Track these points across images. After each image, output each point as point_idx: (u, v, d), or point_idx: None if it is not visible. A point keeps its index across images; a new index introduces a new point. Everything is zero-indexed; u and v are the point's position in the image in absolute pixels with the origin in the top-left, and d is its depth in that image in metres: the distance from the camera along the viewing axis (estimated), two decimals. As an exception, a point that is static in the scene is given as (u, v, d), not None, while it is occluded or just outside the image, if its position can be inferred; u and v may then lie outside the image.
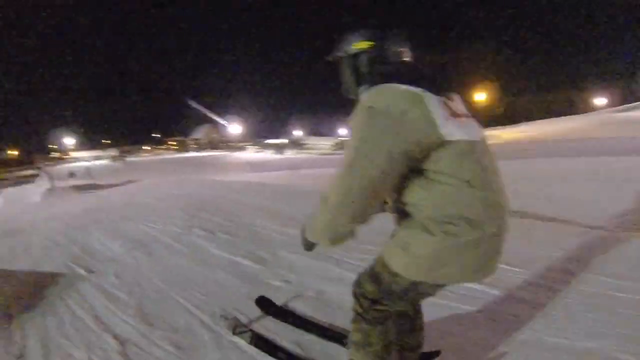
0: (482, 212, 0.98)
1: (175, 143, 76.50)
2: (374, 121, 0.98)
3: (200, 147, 67.39)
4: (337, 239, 1.06)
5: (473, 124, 1.10)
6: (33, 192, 10.47)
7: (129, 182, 12.47)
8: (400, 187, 1.05)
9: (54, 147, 69.63)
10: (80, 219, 5.46)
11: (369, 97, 1.04)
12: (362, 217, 1.01)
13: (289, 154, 44.44)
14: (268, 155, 44.54)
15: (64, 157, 61.92)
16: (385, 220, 1.32)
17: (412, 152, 0.96)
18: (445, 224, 0.97)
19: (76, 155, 60.94)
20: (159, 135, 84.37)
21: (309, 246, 1.20)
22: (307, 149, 46.09)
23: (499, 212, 1.02)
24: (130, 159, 47.64)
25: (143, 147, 72.22)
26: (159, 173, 26.44)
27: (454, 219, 0.96)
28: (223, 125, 67.73)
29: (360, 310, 1.20)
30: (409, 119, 0.95)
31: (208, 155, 50.24)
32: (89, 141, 73.20)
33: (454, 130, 0.98)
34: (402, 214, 1.10)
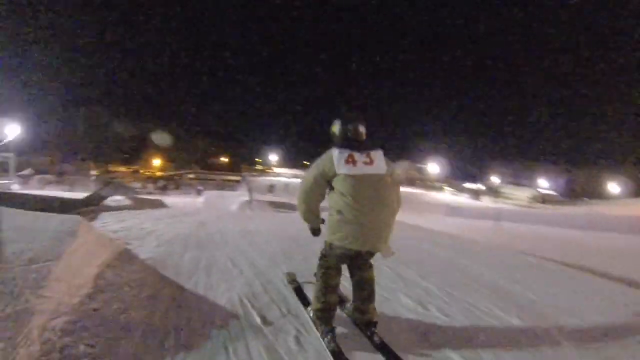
0: (348, 209, 2.10)
1: None
2: (318, 160, 2.27)
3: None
4: (305, 218, 2.49)
5: (370, 167, 2.19)
6: (232, 201, 11.61)
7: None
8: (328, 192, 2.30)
9: (259, 160, 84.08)
10: (272, 244, 5.50)
11: (327, 151, 2.29)
12: (308, 204, 2.37)
13: (485, 200, 45.98)
14: (464, 199, 46.88)
15: (267, 170, 76.85)
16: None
17: (325, 175, 2.22)
18: (335, 210, 2.16)
19: (278, 171, 75.07)
20: None
21: (312, 231, 2.62)
22: (504, 197, 47.32)
23: (362, 211, 2.10)
24: None
25: None
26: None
27: (338, 209, 2.14)
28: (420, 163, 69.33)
29: (319, 261, 2.46)
30: (324, 162, 2.21)
31: (405, 190, 54.22)
32: (291, 159, 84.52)
33: (344, 169, 2.15)
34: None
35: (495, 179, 62.55)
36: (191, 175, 60.63)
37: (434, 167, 63.77)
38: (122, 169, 67.04)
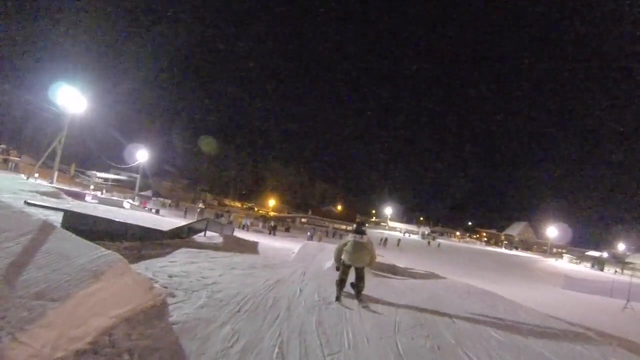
0: (347, 256, 6.76)
1: (486, 234, 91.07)
2: (342, 241, 7.26)
3: (512, 245, 77.02)
4: (335, 259, 7.18)
5: (362, 237, 6.84)
6: (330, 256, 11.76)
7: (432, 275, 13.06)
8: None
9: (374, 212, 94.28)
10: (349, 331, 4.64)
11: (346, 236, 7.26)
12: (337, 256, 7.11)
13: (610, 271, 45.20)
14: (585, 268, 45.96)
15: (382, 223, 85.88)
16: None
17: (343, 245, 7.00)
18: (344, 252, 6.93)
19: (392, 225, 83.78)
20: (470, 223, 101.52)
21: (336, 266, 7.18)
22: (631, 268, 45.15)
23: (351, 257, 6.70)
24: (440, 240, 59.96)
25: (455, 232, 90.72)
26: (464, 265, 30.97)
27: (343, 254, 6.92)
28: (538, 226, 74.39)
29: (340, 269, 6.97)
30: (344, 241, 7.05)
31: (519, 255, 59.21)
32: (406, 214, 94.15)
33: (350, 238, 6.88)
34: None
35: (621, 247, 63.35)
36: (304, 220, 65.18)
37: (552, 231, 64.34)
38: (237, 204, 74.95)
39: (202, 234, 12.95)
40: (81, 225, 7.30)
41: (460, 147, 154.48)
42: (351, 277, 6.64)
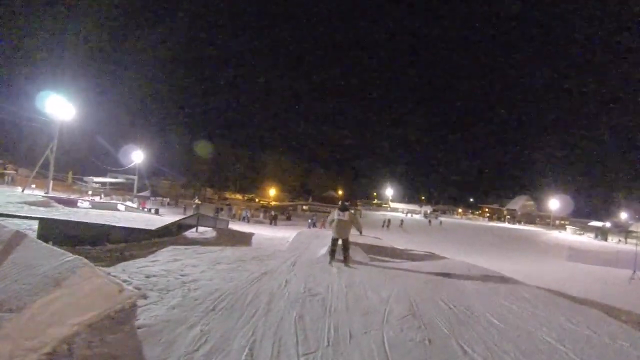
0: (334, 231, 8.61)
1: (488, 210, 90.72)
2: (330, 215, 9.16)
3: (515, 219, 77.78)
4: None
5: (344, 214, 8.60)
6: (324, 242, 11.47)
7: (432, 256, 12.85)
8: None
9: (375, 194, 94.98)
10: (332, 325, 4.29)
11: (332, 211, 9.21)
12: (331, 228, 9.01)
13: (613, 241, 45.61)
14: (588, 239, 46.27)
15: (383, 205, 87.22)
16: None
17: (331, 219, 8.90)
18: (332, 228, 8.82)
19: (394, 206, 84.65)
20: (472, 200, 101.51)
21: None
22: (635, 237, 44.43)
23: (336, 232, 8.53)
24: (442, 218, 60.30)
25: (458, 210, 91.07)
26: (466, 243, 30.87)
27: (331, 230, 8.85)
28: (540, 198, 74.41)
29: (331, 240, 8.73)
30: (332, 215, 8.94)
31: (522, 229, 59.51)
32: (407, 194, 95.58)
33: (335, 216, 8.72)
34: None
35: (624, 216, 63.10)
36: (305, 207, 65.55)
37: (553, 203, 64.07)
38: (238, 197, 74.90)
39: (193, 229, 12.70)
40: (59, 233, 7.06)
41: (459, 123, 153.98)
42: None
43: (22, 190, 23.40)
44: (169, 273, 6.07)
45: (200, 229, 13.18)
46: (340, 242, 8.52)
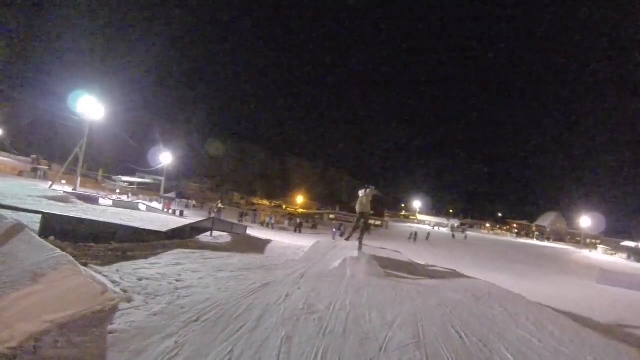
0: (357, 207, 11.12)
1: (517, 226, 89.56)
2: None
3: (544, 236, 76.48)
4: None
5: (364, 192, 10.93)
6: (341, 254, 11.34)
7: (453, 274, 12.40)
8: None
9: (403, 206, 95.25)
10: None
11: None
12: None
13: None
14: (621, 260, 44.81)
15: (411, 217, 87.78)
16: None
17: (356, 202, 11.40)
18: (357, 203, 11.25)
19: (421, 218, 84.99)
20: (501, 214, 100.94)
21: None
22: None
23: (358, 207, 11.05)
24: (469, 232, 59.85)
25: (485, 224, 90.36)
26: (491, 259, 30.26)
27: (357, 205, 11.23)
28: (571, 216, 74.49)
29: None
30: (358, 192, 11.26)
31: (551, 246, 58.72)
32: (435, 207, 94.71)
33: (359, 194, 11.06)
34: None
35: None
36: (332, 216, 65.98)
37: (585, 220, 62.42)
38: (265, 203, 75.50)
39: (208, 233, 12.66)
40: (61, 228, 7.10)
41: (491, 137, 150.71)
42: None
43: (51, 186, 24.32)
44: (164, 277, 5.95)
45: (216, 233, 13.13)
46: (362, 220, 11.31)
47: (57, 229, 7.00)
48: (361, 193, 10.91)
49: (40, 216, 7.11)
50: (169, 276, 6.06)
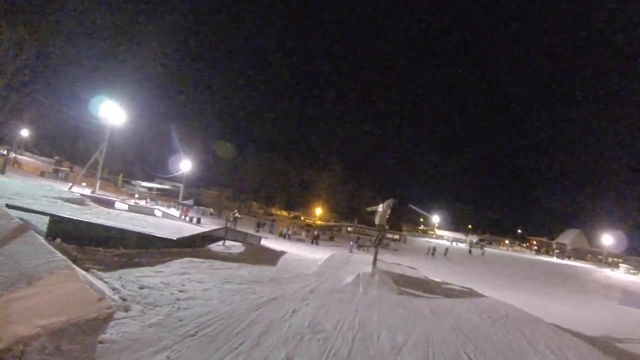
0: (376, 218, 11.48)
1: (537, 243, 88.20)
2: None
3: (564, 254, 75.03)
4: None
5: (381, 205, 11.33)
6: (356, 269, 11.22)
7: (469, 293, 12.08)
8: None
9: (421, 220, 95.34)
10: None
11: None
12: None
13: None
14: None
15: (429, 232, 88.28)
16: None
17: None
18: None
19: (439, 233, 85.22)
20: (520, 231, 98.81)
21: None
22: None
23: (377, 217, 11.39)
24: (488, 248, 59.53)
25: (504, 240, 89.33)
26: (509, 276, 29.86)
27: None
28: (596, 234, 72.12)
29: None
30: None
31: (571, 264, 57.89)
32: (453, 222, 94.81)
33: (378, 208, 11.55)
34: None
35: None
36: (350, 229, 65.72)
37: (607, 239, 61.41)
38: (284, 213, 75.58)
39: (220, 243, 12.58)
40: (69, 231, 7.09)
41: (511, 153, 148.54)
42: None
43: (70, 188, 24.82)
44: (167, 287, 5.83)
45: (229, 243, 13.05)
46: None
47: (65, 231, 6.99)
48: (380, 208, 11.22)
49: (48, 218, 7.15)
50: (172, 286, 5.95)
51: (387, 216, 11.33)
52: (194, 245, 10.76)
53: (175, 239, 9.96)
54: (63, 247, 6.48)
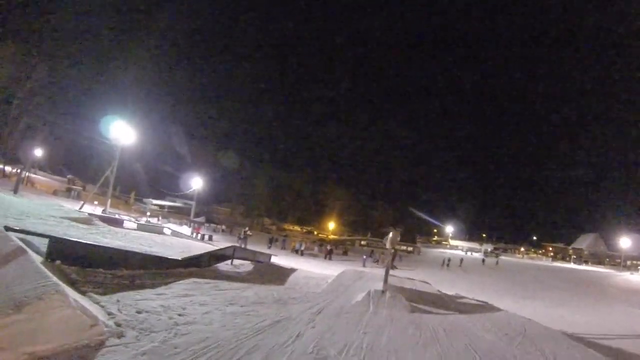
0: (387, 242, 11.73)
1: (552, 249, 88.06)
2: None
3: (581, 259, 74.54)
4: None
5: (388, 235, 11.63)
6: (367, 286, 10.96)
7: (485, 307, 11.65)
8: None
9: (435, 231, 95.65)
10: None
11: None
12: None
13: None
14: None
15: (443, 242, 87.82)
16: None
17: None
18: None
19: (454, 243, 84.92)
20: (535, 238, 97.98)
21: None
22: None
23: (388, 241, 11.59)
24: (503, 257, 58.99)
25: (519, 248, 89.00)
26: (525, 285, 29.52)
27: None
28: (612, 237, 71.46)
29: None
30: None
31: (589, 270, 57.16)
32: (467, 231, 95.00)
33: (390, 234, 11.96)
34: None
35: None
36: (363, 243, 65.73)
37: (625, 242, 59.25)
38: (296, 229, 75.63)
39: (229, 262, 12.43)
40: (70, 253, 7.00)
41: (523, 159, 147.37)
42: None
43: (81, 206, 25.11)
44: (167, 310, 5.68)
45: (237, 262, 12.88)
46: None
47: (65, 253, 6.91)
48: (390, 235, 11.71)
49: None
50: (172, 309, 5.80)
51: (397, 240, 12.14)
52: (200, 265, 10.63)
53: (180, 258, 9.86)
54: (62, 269, 6.39)
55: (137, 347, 4.16)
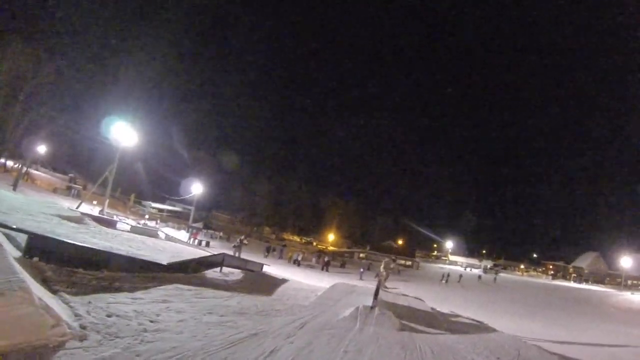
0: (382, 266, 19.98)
1: (552, 267, 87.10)
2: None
3: (582, 278, 74.09)
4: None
5: (383, 265, 19.81)
6: (357, 301, 10.80)
7: (478, 327, 11.25)
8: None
9: (434, 246, 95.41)
10: None
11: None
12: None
13: None
14: None
15: (442, 257, 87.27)
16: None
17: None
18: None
19: (453, 259, 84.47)
20: (536, 255, 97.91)
21: None
22: None
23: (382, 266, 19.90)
24: (502, 274, 58.96)
25: (519, 266, 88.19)
26: (524, 303, 29.32)
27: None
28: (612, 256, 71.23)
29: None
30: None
31: (589, 289, 56.48)
32: (467, 247, 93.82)
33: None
34: None
35: None
36: (362, 255, 65.74)
37: (626, 261, 59.47)
38: (296, 239, 75.61)
39: (218, 269, 12.31)
40: (50, 250, 6.94)
41: (523, 176, 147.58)
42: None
43: (79, 205, 25.14)
44: (139, 316, 5.57)
45: (227, 270, 12.75)
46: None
47: (45, 250, 6.85)
48: (385, 260, 14.64)
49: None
50: (144, 315, 5.68)
51: (390, 266, 14.89)
52: (186, 271, 10.50)
53: (166, 263, 9.75)
54: (39, 266, 6.32)
55: (98, 352, 4.04)
